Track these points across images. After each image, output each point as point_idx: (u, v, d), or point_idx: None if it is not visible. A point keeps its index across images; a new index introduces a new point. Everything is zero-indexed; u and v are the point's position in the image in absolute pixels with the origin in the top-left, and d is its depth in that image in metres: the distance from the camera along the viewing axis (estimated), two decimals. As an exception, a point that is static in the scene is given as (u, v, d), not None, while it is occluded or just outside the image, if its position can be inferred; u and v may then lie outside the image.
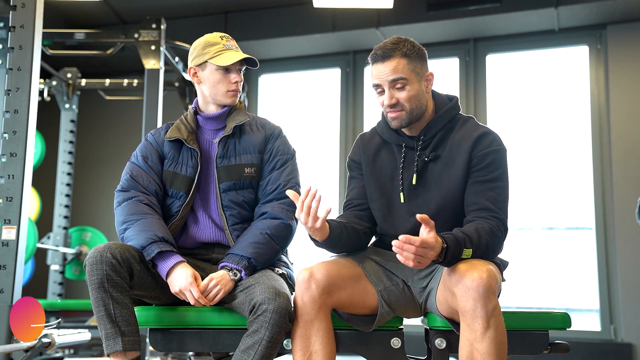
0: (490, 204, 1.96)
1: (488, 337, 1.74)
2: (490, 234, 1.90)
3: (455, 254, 1.82)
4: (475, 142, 2.02)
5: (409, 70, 2.00)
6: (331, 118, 5.96)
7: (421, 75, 2.04)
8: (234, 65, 2.23)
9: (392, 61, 2.00)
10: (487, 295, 1.73)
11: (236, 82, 2.23)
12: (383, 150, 2.15)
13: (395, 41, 2.03)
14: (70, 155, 5.35)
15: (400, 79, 2.00)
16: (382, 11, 5.29)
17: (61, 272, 5.19)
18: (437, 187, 2.04)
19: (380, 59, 2.01)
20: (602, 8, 4.99)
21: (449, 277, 1.82)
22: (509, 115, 5.55)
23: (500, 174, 2.01)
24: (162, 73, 4.43)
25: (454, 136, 2.06)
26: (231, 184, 2.21)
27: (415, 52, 2.03)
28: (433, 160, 2.06)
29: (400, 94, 2.01)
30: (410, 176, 2.06)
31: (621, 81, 5.12)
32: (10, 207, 2.76)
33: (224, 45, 2.23)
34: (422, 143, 2.07)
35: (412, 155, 2.09)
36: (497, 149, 2.03)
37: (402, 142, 2.10)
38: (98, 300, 1.94)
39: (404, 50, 2.00)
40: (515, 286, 5.20)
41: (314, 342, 1.91)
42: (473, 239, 1.86)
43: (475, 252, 1.85)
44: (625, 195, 4.88)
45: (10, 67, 2.87)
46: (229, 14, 5.77)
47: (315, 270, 1.93)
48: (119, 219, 2.15)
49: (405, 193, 2.07)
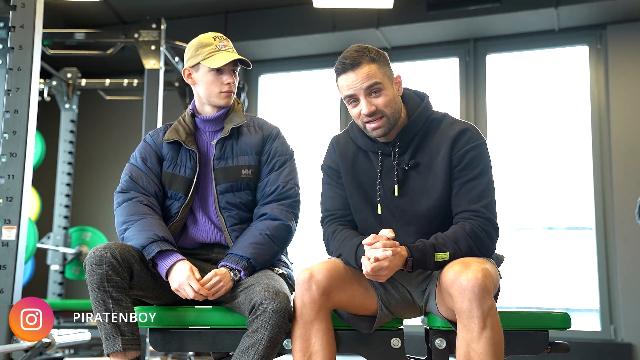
0: (473, 204, 1.94)
1: (485, 337, 1.74)
2: (472, 234, 1.89)
3: (424, 261, 1.84)
4: (453, 143, 1.98)
5: (381, 74, 1.96)
6: (331, 118, 5.96)
7: (392, 79, 2.00)
8: (227, 67, 2.21)
9: (362, 68, 1.93)
10: (482, 295, 1.73)
11: (229, 83, 2.21)
12: (360, 156, 2.09)
13: (358, 49, 1.97)
14: (70, 155, 5.35)
15: (376, 84, 1.93)
16: (382, 11, 5.29)
17: (61, 272, 5.19)
18: (423, 196, 2.00)
19: (350, 68, 1.94)
20: (602, 8, 4.98)
21: (444, 278, 1.82)
22: (509, 116, 5.55)
23: (482, 170, 1.97)
24: (162, 73, 4.43)
25: (431, 139, 2.02)
26: (228, 185, 2.21)
27: (381, 56, 1.99)
28: (414, 168, 2.02)
29: (378, 100, 1.95)
30: (391, 186, 2.02)
31: (621, 81, 5.12)
32: (10, 207, 2.76)
33: (216, 46, 2.21)
34: (399, 149, 2.02)
35: (389, 163, 2.04)
36: (475, 145, 1.98)
37: (377, 150, 2.05)
38: (98, 300, 1.94)
39: (371, 55, 1.96)
40: (515, 286, 5.20)
41: (314, 342, 1.91)
42: (447, 242, 1.87)
43: (455, 255, 1.86)
44: (625, 195, 4.88)
45: (10, 67, 2.87)
46: (229, 14, 5.77)
47: (316, 270, 1.92)
48: (119, 219, 2.15)
49: (388, 204, 2.03)
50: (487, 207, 1.95)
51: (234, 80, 2.24)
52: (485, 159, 2.00)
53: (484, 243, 1.91)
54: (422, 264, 1.87)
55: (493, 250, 1.98)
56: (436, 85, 5.61)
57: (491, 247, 1.95)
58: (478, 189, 1.96)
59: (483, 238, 1.91)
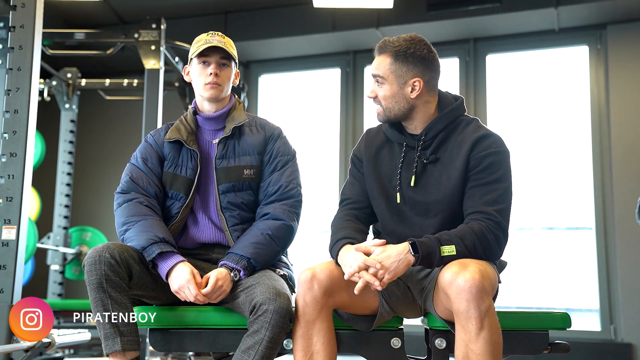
0: (486, 207, 1.94)
1: (482, 338, 1.74)
2: (480, 234, 1.88)
3: (430, 256, 1.85)
4: (473, 145, 2.00)
5: (389, 70, 2.02)
6: (331, 118, 5.96)
7: (404, 80, 2.02)
8: (213, 58, 2.21)
9: (380, 57, 2.05)
10: (480, 296, 1.73)
11: (211, 74, 2.20)
12: (385, 147, 2.14)
13: (399, 39, 2.04)
14: (70, 155, 5.35)
15: (379, 77, 2.04)
16: (382, 11, 5.29)
17: (61, 272, 5.19)
18: (436, 189, 2.02)
19: (376, 52, 2.08)
20: (602, 8, 4.98)
21: (442, 279, 1.81)
22: (509, 116, 5.55)
23: (501, 176, 1.98)
24: (162, 73, 4.42)
25: (455, 138, 2.04)
26: (230, 185, 2.21)
27: (411, 55, 2.01)
28: (432, 163, 2.04)
29: (379, 91, 2.06)
30: (409, 177, 2.05)
31: (621, 81, 5.12)
32: (10, 207, 2.75)
33: (206, 40, 2.22)
34: (423, 143, 2.05)
35: (412, 155, 2.07)
36: (497, 151, 2.00)
37: (403, 141, 2.09)
38: (97, 300, 1.93)
39: (397, 49, 2.01)
40: (515, 286, 5.20)
41: (315, 342, 1.91)
42: (453, 237, 1.87)
43: (460, 250, 1.86)
44: (625, 195, 4.88)
45: (10, 67, 2.87)
46: (229, 14, 5.77)
47: (318, 270, 1.93)
48: (119, 220, 2.15)
49: (404, 194, 2.06)
50: (501, 212, 1.94)
51: (218, 72, 2.21)
52: (505, 167, 2.00)
53: (491, 246, 1.90)
54: (428, 259, 1.86)
55: (499, 256, 1.97)
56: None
57: (497, 252, 1.94)
58: (494, 193, 1.96)
59: (491, 240, 1.90)
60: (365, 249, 1.91)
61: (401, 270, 1.86)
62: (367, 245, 1.92)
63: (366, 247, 1.91)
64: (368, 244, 1.92)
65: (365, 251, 1.90)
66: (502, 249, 1.95)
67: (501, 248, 1.95)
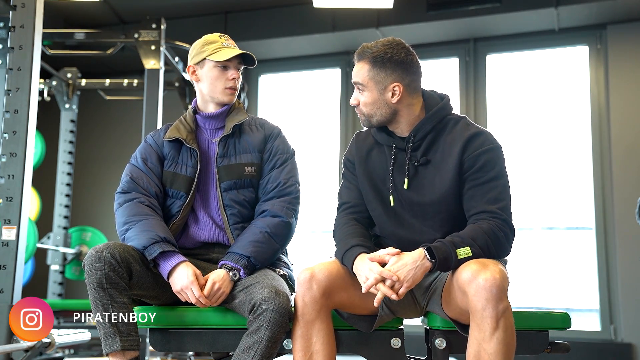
0: (489, 205, 1.94)
1: (496, 338, 1.73)
2: (490, 233, 1.88)
3: (447, 261, 1.83)
4: (465, 145, 1.99)
5: (368, 77, 2.01)
6: (331, 118, 5.96)
7: (384, 85, 2.00)
8: (232, 63, 2.23)
9: (359, 63, 2.04)
10: (499, 296, 1.73)
11: (234, 78, 2.24)
12: (375, 150, 2.13)
13: (377, 44, 2.02)
14: (70, 155, 5.35)
15: (359, 84, 2.04)
16: (382, 11, 5.29)
17: (61, 272, 5.19)
18: (430, 191, 2.01)
19: (356, 58, 2.07)
20: (602, 8, 4.98)
21: (461, 276, 1.80)
22: (509, 116, 5.55)
23: (498, 173, 1.98)
24: (162, 73, 4.43)
25: (445, 138, 2.03)
26: (232, 183, 2.22)
27: (388, 60, 1.99)
28: (424, 165, 2.03)
29: (360, 98, 2.05)
30: (401, 180, 2.04)
31: (621, 81, 5.12)
32: (10, 207, 2.76)
33: (222, 43, 2.24)
34: (412, 145, 2.04)
35: (402, 157, 2.06)
36: (490, 148, 1.99)
37: (392, 144, 2.08)
38: (97, 300, 1.93)
39: (375, 55, 2.00)
40: (515, 286, 5.18)
41: (314, 342, 1.91)
42: (465, 239, 1.86)
43: (475, 252, 1.85)
44: (625, 195, 4.88)
45: (10, 67, 2.87)
46: (229, 14, 5.77)
47: (317, 270, 1.93)
48: (120, 220, 2.15)
49: (398, 196, 2.05)
50: (504, 209, 1.95)
51: (239, 77, 2.26)
52: (500, 163, 2.00)
53: (502, 243, 1.90)
54: (445, 263, 1.85)
55: (509, 252, 1.97)
56: (436, 86, 5.60)
57: (507, 249, 1.94)
58: (495, 192, 1.96)
59: (501, 238, 1.90)
60: (379, 259, 1.89)
61: (419, 277, 1.85)
62: (382, 254, 1.89)
63: (380, 257, 1.89)
64: (382, 253, 1.90)
65: (380, 260, 1.88)
66: (511, 245, 1.96)
67: (510, 245, 1.95)
